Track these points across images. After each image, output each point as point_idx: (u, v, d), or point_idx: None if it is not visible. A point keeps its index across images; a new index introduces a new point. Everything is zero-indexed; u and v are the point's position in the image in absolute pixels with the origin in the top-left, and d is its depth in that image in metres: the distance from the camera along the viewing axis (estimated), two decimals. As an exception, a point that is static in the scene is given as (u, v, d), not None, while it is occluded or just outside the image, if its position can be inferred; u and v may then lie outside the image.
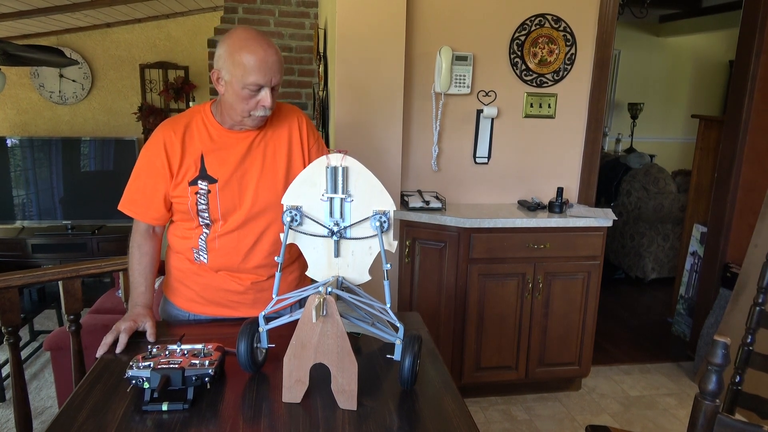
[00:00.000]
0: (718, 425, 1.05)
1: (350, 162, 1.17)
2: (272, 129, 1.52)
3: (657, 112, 6.68)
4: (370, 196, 1.19)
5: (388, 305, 1.16)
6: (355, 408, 1.09)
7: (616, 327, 3.72)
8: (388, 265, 1.16)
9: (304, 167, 1.24)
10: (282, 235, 1.21)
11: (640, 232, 4.43)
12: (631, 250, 4.51)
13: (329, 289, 1.12)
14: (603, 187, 4.86)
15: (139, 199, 1.48)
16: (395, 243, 1.20)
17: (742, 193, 2.96)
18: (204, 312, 1.57)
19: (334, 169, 1.17)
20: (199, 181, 1.44)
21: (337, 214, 1.21)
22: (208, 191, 1.44)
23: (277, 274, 1.21)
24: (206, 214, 1.46)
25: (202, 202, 1.45)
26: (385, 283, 1.16)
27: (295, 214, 1.20)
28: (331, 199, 1.20)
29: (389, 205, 1.18)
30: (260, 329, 1.20)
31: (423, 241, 2.62)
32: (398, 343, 1.16)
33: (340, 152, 1.16)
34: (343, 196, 1.19)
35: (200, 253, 1.51)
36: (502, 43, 2.72)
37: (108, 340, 1.35)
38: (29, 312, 3.49)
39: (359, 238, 1.21)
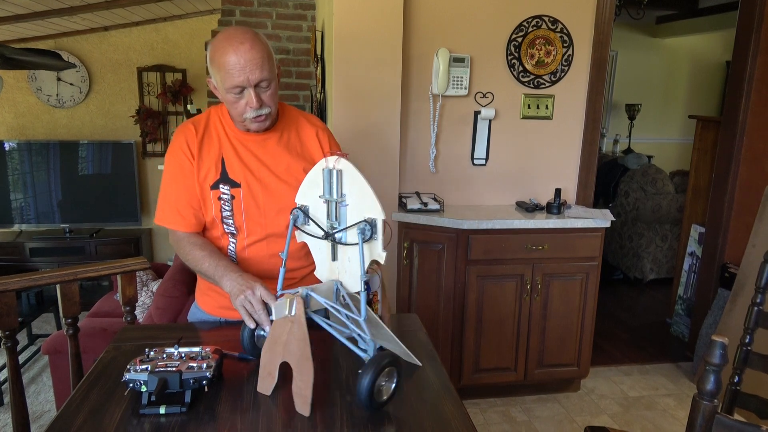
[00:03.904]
0: (716, 425, 1.04)
1: (344, 165, 1.13)
2: (295, 132, 1.49)
3: (654, 112, 6.69)
4: (362, 201, 1.14)
5: (363, 318, 1.08)
6: (308, 414, 1.06)
7: (614, 328, 3.72)
8: (366, 276, 1.11)
9: None
10: (293, 232, 1.22)
11: (639, 232, 4.43)
12: (630, 250, 4.52)
13: (305, 292, 1.11)
14: (601, 188, 4.87)
15: (175, 209, 1.42)
16: (384, 254, 1.12)
17: (739, 194, 2.97)
18: (238, 316, 1.54)
19: (329, 172, 1.16)
20: (221, 185, 1.41)
21: (333, 217, 1.20)
22: (232, 197, 1.41)
23: (282, 270, 1.22)
24: (230, 221, 1.42)
25: (227, 208, 1.41)
26: (362, 294, 1.10)
27: (300, 214, 1.21)
28: (328, 202, 1.19)
29: (377, 213, 1.10)
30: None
31: (421, 242, 2.62)
32: (366, 359, 1.09)
33: (336, 154, 1.14)
34: (339, 199, 1.18)
35: None
36: (499, 45, 2.73)
37: (263, 317, 1.22)
38: (27, 316, 3.49)
39: (354, 244, 1.19)
